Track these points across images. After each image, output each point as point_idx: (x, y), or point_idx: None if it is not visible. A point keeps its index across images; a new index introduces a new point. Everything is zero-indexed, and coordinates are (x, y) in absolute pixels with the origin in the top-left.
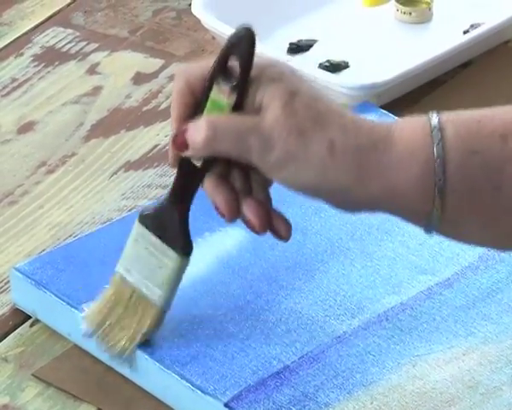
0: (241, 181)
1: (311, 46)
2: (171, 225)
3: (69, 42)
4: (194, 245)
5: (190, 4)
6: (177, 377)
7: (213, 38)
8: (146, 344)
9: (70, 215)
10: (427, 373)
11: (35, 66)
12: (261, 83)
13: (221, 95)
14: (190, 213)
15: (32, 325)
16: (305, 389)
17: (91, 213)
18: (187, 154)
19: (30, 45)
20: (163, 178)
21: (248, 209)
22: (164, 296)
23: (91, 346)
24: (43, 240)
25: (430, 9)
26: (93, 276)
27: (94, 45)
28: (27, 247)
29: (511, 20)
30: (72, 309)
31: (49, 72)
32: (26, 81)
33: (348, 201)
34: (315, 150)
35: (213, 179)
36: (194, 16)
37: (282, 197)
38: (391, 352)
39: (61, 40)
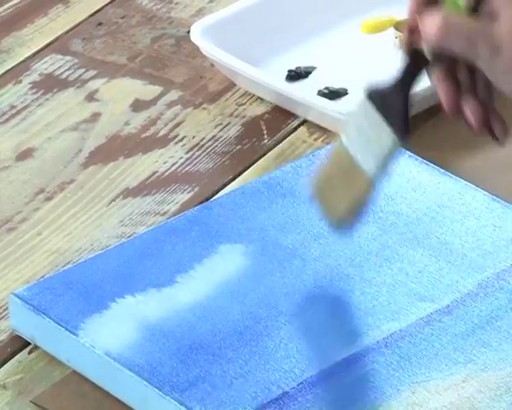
0: (466, 77)
1: (309, 73)
2: (393, 106)
3: (67, 69)
4: (193, 271)
5: (189, 31)
6: (175, 403)
7: (212, 65)
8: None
9: (68, 242)
10: (427, 400)
11: (33, 93)
12: None
13: None
14: (189, 239)
15: (30, 352)
16: None
17: (90, 240)
18: (417, 44)
19: (28, 72)
20: (161, 206)
21: (468, 107)
22: (377, 169)
23: (90, 371)
24: (41, 266)
25: None
26: (92, 301)
27: (92, 72)
28: (26, 273)
29: None
30: (71, 335)
31: (47, 99)
32: (24, 108)
33: None
34: None
35: (440, 71)
36: (193, 43)
37: (281, 224)
38: (390, 378)
39: (59, 67)
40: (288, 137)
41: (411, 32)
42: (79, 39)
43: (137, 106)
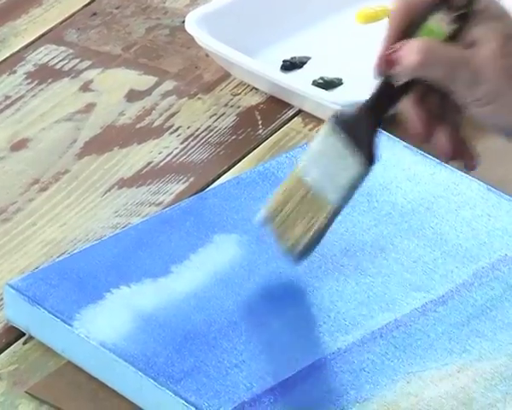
0: (436, 105)
1: (304, 63)
2: (361, 132)
3: (62, 59)
4: (188, 261)
5: (184, 21)
6: (171, 393)
7: (207, 55)
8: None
9: (63, 232)
10: (422, 390)
11: (28, 83)
12: (482, 18)
13: (440, 23)
14: (184, 229)
15: (25, 343)
16: (299, 406)
17: (84, 231)
18: (394, 71)
19: (23, 63)
20: (156, 196)
21: (440, 135)
22: (340, 198)
23: (85, 362)
24: (36, 257)
25: None
26: (87, 292)
27: (87, 62)
28: (20, 264)
29: None
30: (66, 325)
31: (42, 89)
32: (19, 98)
33: None
34: None
35: (412, 100)
36: (188, 33)
37: None
38: (385, 369)
39: (54, 57)
40: (283, 128)
41: (388, 56)
42: (74, 29)
43: (132, 96)
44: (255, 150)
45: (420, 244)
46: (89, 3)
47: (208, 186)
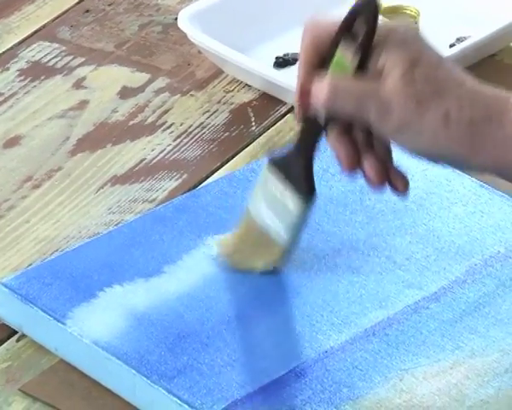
0: (362, 136)
1: (297, 60)
2: (295, 172)
3: (55, 56)
4: (181, 261)
5: (176, 18)
6: (164, 391)
7: (199, 51)
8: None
9: (56, 230)
10: (415, 387)
11: (21, 80)
12: (385, 47)
13: (345, 56)
14: (177, 228)
15: (18, 340)
16: (292, 404)
17: (78, 228)
18: (310, 110)
19: (16, 60)
20: (149, 193)
21: (368, 164)
22: (288, 238)
23: (78, 360)
24: (29, 254)
25: (416, 23)
26: (80, 290)
27: (80, 59)
28: (13, 261)
29: (497, 33)
30: (59, 324)
31: (35, 86)
32: (11, 96)
33: (462, 166)
34: (430, 120)
35: (336, 133)
36: (181, 30)
37: None
38: (378, 366)
39: (46, 55)
40: (276, 125)
41: (303, 96)
42: (67, 27)
43: (125, 93)
44: (248, 147)
45: (412, 241)
46: (81, 0)
47: (201, 183)
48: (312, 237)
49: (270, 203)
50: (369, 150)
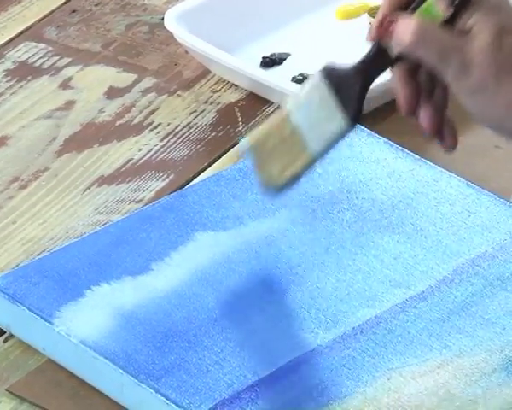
0: (426, 81)
1: (284, 60)
2: (349, 90)
3: (42, 57)
4: (168, 258)
5: (163, 18)
6: (151, 391)
7: (186, 51)
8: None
9: (43, 230)
10: (402, 386)
11: (7, 81)
12: (479, 8)
13: (438, 5)
14: (164, 227)
15: (5, 341)
16: (279, 403)
17: (65, 228)
18: (388, 42)
19: (2, 60)
20: (136, 193)
21: (424, 112)
22: (320, 148)
23: (65, 360)
24: (16, 255)
25: None
26: (67, 290)
27: (66, 60)
28: (0, 262)
29: None
30: (47, 323)
31: (21, 86)
32: None
33: None
34: (506, 90)
35: (401, 71)
36: (167, 30)
37: (256, 212)
38: (366, 365)
39: (33, 55)
40: None
41: (381, 28)
42: (53, 27)
43: (112, 93)
44: (235, 147)
45: (400, 241)
46: (68, 1)
47: (188, 183)
48: (300, 235)
49: (311, 110)
50: (428, 97)
